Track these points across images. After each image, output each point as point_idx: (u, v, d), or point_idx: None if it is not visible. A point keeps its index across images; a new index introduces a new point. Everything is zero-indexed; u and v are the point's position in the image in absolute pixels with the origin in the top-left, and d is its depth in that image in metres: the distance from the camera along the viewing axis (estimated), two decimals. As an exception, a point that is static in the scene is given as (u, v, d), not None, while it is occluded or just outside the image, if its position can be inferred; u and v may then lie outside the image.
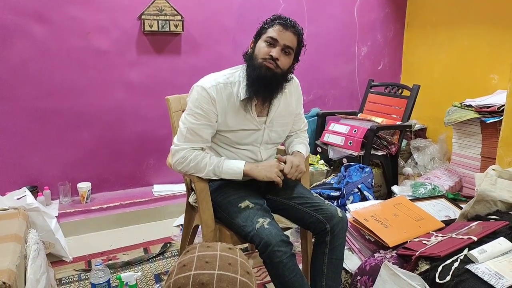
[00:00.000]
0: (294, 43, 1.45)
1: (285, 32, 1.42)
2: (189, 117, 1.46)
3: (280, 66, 1.43)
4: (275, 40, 1.41)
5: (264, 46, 1.43)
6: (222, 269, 0.78)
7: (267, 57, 1.41)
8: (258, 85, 1.43)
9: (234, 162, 1.49)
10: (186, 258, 0.81)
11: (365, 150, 2.45)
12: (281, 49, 1.42)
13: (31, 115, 2.32)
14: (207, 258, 0.80)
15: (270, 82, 1.44)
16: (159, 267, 2.00)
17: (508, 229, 1.37)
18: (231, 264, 0.80)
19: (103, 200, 2.49)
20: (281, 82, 1.48)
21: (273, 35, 1.42)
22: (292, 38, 1.43)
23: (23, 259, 1.43)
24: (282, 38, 1.41)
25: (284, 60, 1.44)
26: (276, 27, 1.42)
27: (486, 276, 1.17)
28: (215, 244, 0.86)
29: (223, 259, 0.81)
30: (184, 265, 0.79)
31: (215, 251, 0.83)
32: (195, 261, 0.79)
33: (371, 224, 1.69)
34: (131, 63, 2.49)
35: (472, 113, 2.39)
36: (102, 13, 2.35)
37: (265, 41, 1.43)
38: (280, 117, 1.57)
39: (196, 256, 0.81)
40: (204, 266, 0.78)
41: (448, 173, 2.57)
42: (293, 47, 1.45)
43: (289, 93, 1.59)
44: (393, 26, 3.31)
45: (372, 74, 3.27)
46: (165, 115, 1.54)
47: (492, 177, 1.65)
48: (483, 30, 2.73)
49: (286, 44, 1.42)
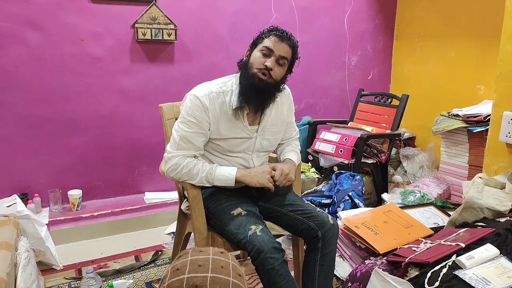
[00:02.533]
0: (289, 54, 1.48)
1: (280, 44, 1.45)
2: (182, 125, 1.48)
3: (273, 76, 1.46)
4: (271, 51, 1.45)
5: (259, 56, 1.46)
6: (215, 271, 0.79)
7: (261, 67, 1.44)
8: (250, 94, 1.46)
9: (227, 168, 1.50)
10: (179, 262, 0.83)
11: (355, 158, 2.49)
12: (275, 60, 1.45)
13: (22, 121, 2.31)
14: (200, 261, 0.82)
15: (262, 91, 1.47)
16: (151, 275, 1.99)
17: (495, 236, 1.40)
18: (224, 267, 0.81)
19: (94, 207, 2.47)
20: (273, 92, 1.51)
21: (268, 45, 1.45)
22: (287, 49, 1.47)
23: (13, 267, 1.42)
24: (277, 49, 1.45)
25: (277, 71, 1.47)
26: (272, 38, 1.45)
27: (474, 282, 1.20)
28: (208, 249, 0.88)
29: (216, 262, 0.82)
30: (178, 269, 0.80)
31: (207, 255, 0.84)
32: (188, 265, 0.81)
33: (362, 231, 1.71)
34: (124, 71, 2.50)
35: (459, 122, 2.44)
36: (95, 21, 2.37)
37: (261, 51, 1.46)
38: (272, 125, 1.60)
39: (189, 260, 0.82)
40: (197, 270, 0.79)
41: (436, 181, 2.62)
42: (287, 58, 1.48)
43: (280, 102, 1.62)
44: (382, 37, 3.38)
45: (362, 83, 3.32)
46: (157, 123, 1.55)
47: (479, 185, 1.69)
48: (470, 43, 2.80)
49: (281, 55, 1.45)
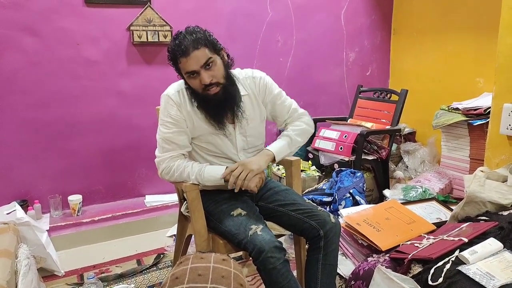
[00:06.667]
0: (205, 53, 1.37)
1: (191, 58, 1.35)
2: (161, 127, 1.49)
3: (219, 80, 1.42)
4: (193, 71, 1.38)
5: (193, 81, 1.41)
6: (215, 282, 0.77)
7: (203, 87, 1.41)
8: (219, 109, 1.45)
9: (215, 168, 1.49)
10: (179, 270, 0.81)
11: (356, 155, 2.47)
12: (204, 71, 1.38)
13: (20, 126, 2.30)
14: (200, 270, 0.79)
15: (225, 99, 1.45)
16: (153, 278, 1.98)
17: (498, 230, 1.39)
18: (225, 276, 0.79)
19: (94, 212, 2.46)
20: (235, 89, 1.48)
21: (187, 69, 1.38)
22: (200, 54, 1.36)
23: (13, 274, 1.41)
24: (194, 64, 1.36)
25: (215, 72, 1.40)
26: (182, 60, 1.37)
27: (478, 277, 1.19)
28: (209, 255, 0.86)
29: (217, 271, 0.80)
30: (177, 277, 0.78)
31: (208, 263, 0.82)
32: (188, 274, 0.79)
33: (364, 229, 1.70)
34: (121, 74, 2.49)
35: (460, 116, 2.42)
36: (90, 24, 2.36)
37: (189, 77, 1.41)
38: (250, 119, 1.55)
39: (189, 268, 0.80)
40: (196, 279, 0.77)
41: (438, 175, 2.60)
42: (208, 57, 1.38)
43: (252, 95, 1.57)
44: (380, 32, 3.36)
45: (361, 79, 3.30)
46: (156, 125, 1.55)
47: (480, 178, 1.68)
48: (468, 36, 2.78)
49: (202, 64, 1.37)
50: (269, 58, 2.93)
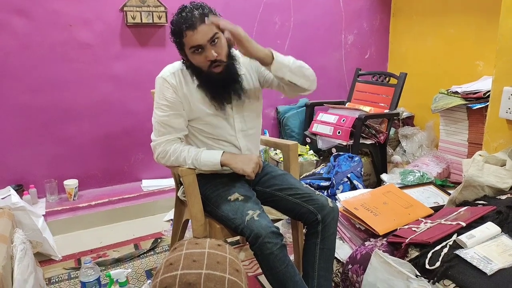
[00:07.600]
0: (212, 28, 1.34)
1: (198, 31, 1.32)
2: (157, 110, 1.47)
3: (223, 58, 1.39)
4: (199, 46, 1.35)
5: (197, 57, 1.38)
6: (210, 268, 0.76)
7: (209, 63, 1.38)
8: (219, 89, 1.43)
9: (212, 153, 1.47)
10: (174, 256, 0.79)
11: (353, 139, 2.46)
12: (210, 46, 1.35)
13: (14, 111, 2.26)
14: (195, 256, 0.78)
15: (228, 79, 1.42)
16: (150, 262, 1.99)
17: (496, 214, 1.39)
18: (220, 262, 0.78)
19: (91, 197, 2.45)
20: (235, 71, 1.45)
21: (193, 43, 1.34)
22: (207, 28, 1.33)
23: (9, 259, 1.40)
24: (200, 38, 1.33)
25: (220, 50, 1.37)
26: (188, 34, 1.33)
27: (475, 261, 1.19)
28: (204, 241, 0.84)
29: (211, 257, 0.78)
30: (171, 263, 0.77)
31: (203, 249, 0.80)
32: (182, 260, 0.77)
33: (361, 213, 1.69)
34: (115, 56, 2.44)
35: (459, 100, 2.40)
36: (83, 5, 2.30)
37: (193, 52, 1.37)
38: (247, 100, 1.53)
39: (183, 254, 0.79)
40: (191, 265, 0.75)
41: (436, 160, 2.59)
42: (214, 32, 1.34)
43: (248, 74, 1.55)
44: (379, 14, 3.30)
45: (359, 63, 3.26)
46: (151, 108, 1.52)
47: (479, 162, 1.66)
48: (468, 18, 2.73)
49: (208, 39, 1.34)
50: (267, 41, 2.88)
